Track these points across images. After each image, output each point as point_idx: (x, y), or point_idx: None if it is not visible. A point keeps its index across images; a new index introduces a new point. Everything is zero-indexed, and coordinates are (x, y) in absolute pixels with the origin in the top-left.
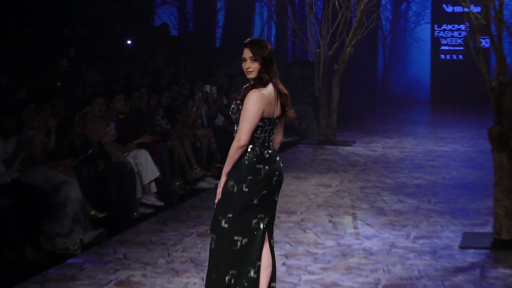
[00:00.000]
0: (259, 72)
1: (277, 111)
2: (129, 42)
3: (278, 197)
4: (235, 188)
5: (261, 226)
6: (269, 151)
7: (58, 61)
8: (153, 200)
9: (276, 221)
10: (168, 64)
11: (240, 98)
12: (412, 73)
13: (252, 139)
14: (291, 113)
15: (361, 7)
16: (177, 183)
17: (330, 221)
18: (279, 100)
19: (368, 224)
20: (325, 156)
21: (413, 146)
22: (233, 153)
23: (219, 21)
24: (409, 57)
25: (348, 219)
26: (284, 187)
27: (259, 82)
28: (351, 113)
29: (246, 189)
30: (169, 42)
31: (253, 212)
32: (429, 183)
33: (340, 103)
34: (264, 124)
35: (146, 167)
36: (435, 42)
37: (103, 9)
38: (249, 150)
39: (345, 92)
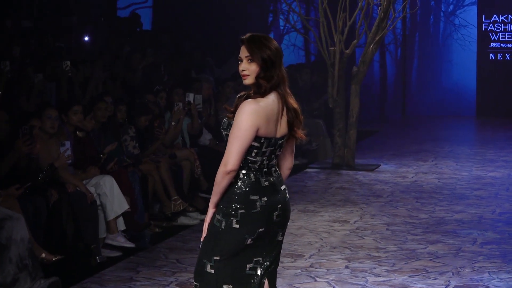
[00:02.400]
0: (257, 77)
1: (282, 130)
2: (87, 38)
3: (283, 236)
4: (223, 223)
5: (259, 272)
6: (270, 179)
7: None
8: (120, 241)
9: (279, 267)
10: (139, 65)
11: (232, 109)
12: (453, 78)
13: (246, 164)
14: (299, 134)
15: None
16: (151, 220)
17: (347, 267)
18: (284, 116)
19: (395, 271)
20: (341, 183)
21: (453, 172)
22: (220, 180)
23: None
24: (448, 58)
25: (370, 265)
26: (288, 223)
27: (257, 91)
28: (375, 129)
29: (237, 226)
30: (140, 38)
31: (247, 254)
32: (474, 219)
33: (361, 116)
34: (261, 145)
35: (112, 198)
36: (483, 37)
37: None
38: (241, 176)
39: (367, 102)
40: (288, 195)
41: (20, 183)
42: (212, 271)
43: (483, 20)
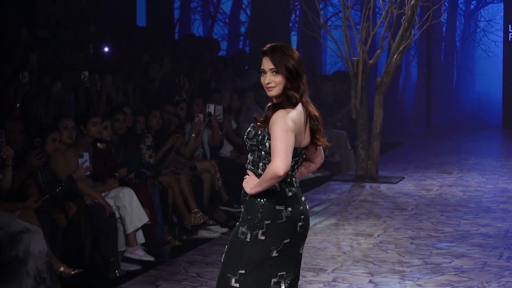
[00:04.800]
0: (285, 88)
1: (306, 139)
2: (105, 48)
3: (303, 249)
4: (248, 236)
5: (283, 287)
6: (292, 189)
7: (16, 74)
8: (140, 254)
9: (301, 281)
10: (156, 75)
11: (262, 119)
12: (478, 88)
13: None
14: (323, 141)
15: (412, 2)
16: (171, 233)
17: (370, 282)
18: (308, 125)
19: (420, 286)
20: (364, 196)
21: (479, 184)
22: (268, 179)
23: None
24: (474, 68)
25: (394, 279)
26: (310, 237)
27: (287, 102)
28: (399, 141)
29: (263, 237)
30: (161, 47)
31: (272, 268)
32: (500, 232)
33: (384, 128)
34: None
35: (131, 211)
36: (509, 46)
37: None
38: None
39: (391, 113)
40: (307, 206)
41: (38, 196)
42: (237, 285)
43: (510, 30)
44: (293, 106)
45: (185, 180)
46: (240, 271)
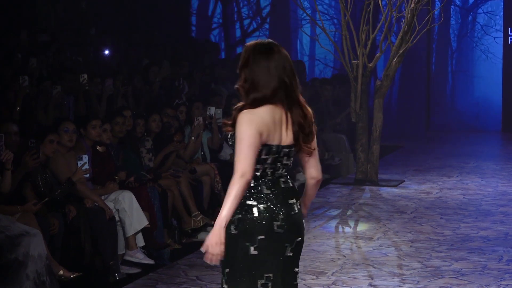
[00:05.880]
0: (243, 88)
1: (286, 138)
2: (105, 51)
3: (293, 253)
4: (227, 232)
5: None
6: (273, 188)
7: (16, 78)
8: (139, 257)
9: (301, 284)
10: (155, 78)
11: (230, 122)
12: (478, 92)
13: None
14: (305, 149)
15: (412, 5)
16: (170, 236)
17: (370, 285)
18: (290, 126)
19: None
20: (364, 199)
21: (479, 188)
22: (232, 182)
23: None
24: (474, 71)
25: (394, 283)
26: (310, 240)
27: (248, 102)
28: (398, 144)
29: (235, 232)
30: (159, 50)
31: (257, 269)
32: (500, 235)
33: (384, 131)
34: (260, 153)
35: (131, 214)
36: (509, 50)
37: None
38: None
39: (390, 116)
40: (298, 210)
41: (37, 198)
42: (226, 286)
43: (509, 33)
44: (253, 106)
45: (185, 183)
46: (226, 270)
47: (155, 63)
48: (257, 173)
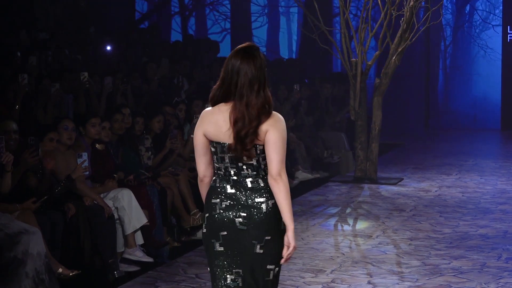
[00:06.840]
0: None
1: (230, 139)
2: (105, 49)
3: (264, 250)
4: (202, 231)
5: (241, 284)
6: (239, 186)
7: (15, 76)
8: (138, 255)
9: (300, 282)
10: (154, 76)
11: None
12: (477, 90)
13: (215, 170)
14: (236, 152)
15: (411, 3)
16: (170, 234)
17: (369, 283)
18: (233, 126)
19: (419, 287)
20: (363, 197)
21: (478, 185)
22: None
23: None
24: (473, 70)
25: (393, 280)
26: (309, 238)
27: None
28: (398, 142)
29: (205, 230)
30: (160, 49)
31: (225, 264)
32: (499, 233)
33: (383, 129)
34: (215, 150)
35: (130, 212)
36: (508, 49)
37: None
38: (212, 183)
39: (390, 115)
40: (268, 210)
41: (36, 196)
42: (211, 284)
43: (508, 31)
44: (211, 102)
45: (184, 181)
46: (208, 268)
47: (153, 61)
48: (221, 172)
